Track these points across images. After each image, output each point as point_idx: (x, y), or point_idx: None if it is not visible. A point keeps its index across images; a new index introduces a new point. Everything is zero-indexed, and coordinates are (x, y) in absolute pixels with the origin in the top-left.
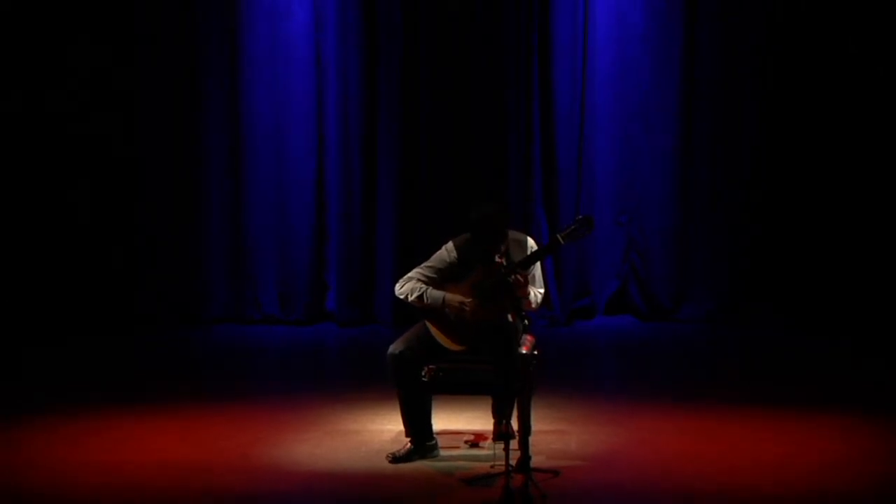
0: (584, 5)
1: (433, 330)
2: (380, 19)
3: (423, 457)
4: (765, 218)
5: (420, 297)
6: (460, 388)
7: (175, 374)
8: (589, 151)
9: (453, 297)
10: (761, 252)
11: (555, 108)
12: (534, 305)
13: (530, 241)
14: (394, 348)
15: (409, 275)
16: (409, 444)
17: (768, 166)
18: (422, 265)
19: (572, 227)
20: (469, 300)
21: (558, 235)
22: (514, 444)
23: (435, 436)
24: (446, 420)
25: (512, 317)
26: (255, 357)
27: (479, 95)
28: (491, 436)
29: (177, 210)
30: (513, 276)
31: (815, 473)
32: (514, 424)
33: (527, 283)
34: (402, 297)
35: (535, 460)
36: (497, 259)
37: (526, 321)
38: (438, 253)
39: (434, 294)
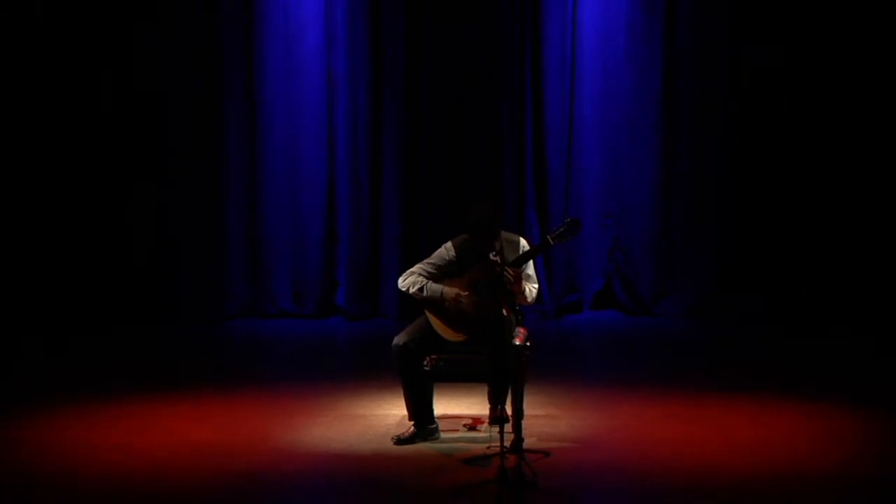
0: (572, 28)
1: (434, 322)
2: (386, 39)
3: (424, 439)
4: (741, 220)
5: (420, 289)
6: (459, 377)
7: (198, 365)
8: (577, 160)
9: (450, 290)
10: (738, 251)
11: (546, 120)
12: (529, 300)
13: (523, 242)
14: (398, 340)
15: (411, 269)
16: (412, 428)
17: (744, 172)
18: (423, 261)
19: (562, 228)
20: (465, 292)
21: (549, 237)
22: (508, 427)
23: (436, 420)
24: (446, 405)
25: (506, 311)
26: (271, 348)
27: (477, 110)
28: (487, 420)
29: (200, 215)
30: (506, 274)
31: (791, 454)
32: (509, 410)
33: (519, 279)
34: (403, 289)
35: (528, 442)
36: (492, 257)
37: (519, 315)
38: (438, 251)
39: (433, 287)
